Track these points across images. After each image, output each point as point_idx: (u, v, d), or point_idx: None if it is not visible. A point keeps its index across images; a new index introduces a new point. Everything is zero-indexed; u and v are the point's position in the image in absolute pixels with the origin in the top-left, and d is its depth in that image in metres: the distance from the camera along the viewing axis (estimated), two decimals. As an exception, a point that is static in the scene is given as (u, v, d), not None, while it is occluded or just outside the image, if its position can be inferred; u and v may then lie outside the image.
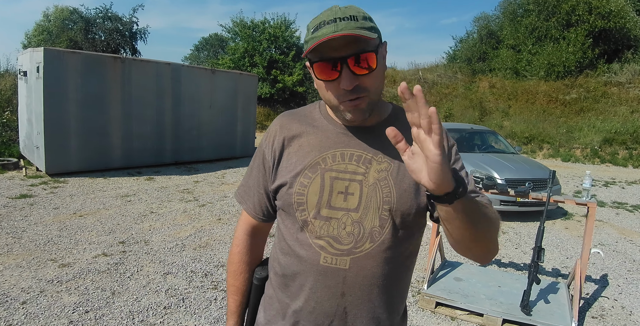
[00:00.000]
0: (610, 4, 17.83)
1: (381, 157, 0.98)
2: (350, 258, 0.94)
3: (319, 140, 1.01)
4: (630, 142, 13.69)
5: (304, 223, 0.97)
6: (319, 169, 0.98)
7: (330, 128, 1.02)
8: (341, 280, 0.95)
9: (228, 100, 9.83)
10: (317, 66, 0.90)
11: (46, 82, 6.60)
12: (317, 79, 0.93)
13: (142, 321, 2.81)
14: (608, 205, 7.33)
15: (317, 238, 0.96)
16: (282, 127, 1.06)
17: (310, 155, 1.00)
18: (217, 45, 32.07)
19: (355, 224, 0.95)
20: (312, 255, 0.96)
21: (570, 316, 2.86)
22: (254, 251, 1.18)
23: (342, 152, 0.99)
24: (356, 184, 0.96)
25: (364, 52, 0.87)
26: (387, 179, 0.97)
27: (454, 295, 3.16)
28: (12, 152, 8.47)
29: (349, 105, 0.92)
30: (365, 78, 0.90)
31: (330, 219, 0.96)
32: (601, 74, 17.80)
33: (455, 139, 7.53)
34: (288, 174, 1.00)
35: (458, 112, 17.26)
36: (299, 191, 0.97)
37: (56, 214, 5.04)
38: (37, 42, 20.36)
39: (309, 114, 1.07)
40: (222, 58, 21.72)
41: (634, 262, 4.54)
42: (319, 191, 0.96)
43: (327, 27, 0.86)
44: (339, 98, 0.92)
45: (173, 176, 7.84)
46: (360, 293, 0.97)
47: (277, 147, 1.04)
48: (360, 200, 0.95)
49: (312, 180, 0.97)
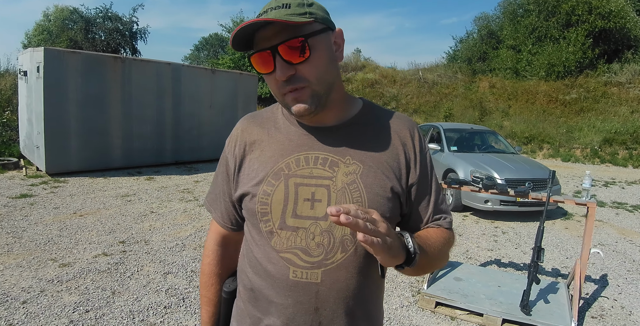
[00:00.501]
0: (610, 4, 17.84)
1: (349, 159, 0.91)
2: (322, 270, 0.87)
3: (281, 144, 0.94)
4: (630, 142, 13.69)
5: (270, 234, 0.90)
6: (282, 175, 0.90)
7: (292, 130, 0.95)
8: (314, 294, 0.88)
9: (228, 100, 9.84)
10: (253, 59, 0.85)
11: (46, 82, 6.61)
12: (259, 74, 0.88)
13: (143, 321, 2.82)
14: (608, 205, 7.33)
15: (284, 250, 0.89)
16: (243, 131, 0.99)
17: (273, 160, 0.92)
18: (217, 45, 32.08)
19: (324, 234, 0.88)
20: (280, 269, 0.89)
21: (570, 316, 2.86)
22: (225, 262, 1.10)
23: (306, 155, 0.92)
24: (323, 190, 0.89)
25: (290, 38, 0.81)
26: (357, 182, 0.89)
27: (453, 295, 3.16)
28: (13, 152, 8.48)
29: (292, 97, 0.86)
30: (302, 67, 0.83)
31: (298, 229, 0.88)
32: (601, 74, 17.81)
33: (455, 139, 7.55)
34: (250, 182, 0.93)
35: (458, 112, 17.26)
36: (262, 200, 0.90)
37: (56, 214, 5.05)
38: (37, 42, 20.37)
39: (271, 116, 1.00)
40: (222, 58, 21.73)
41: (633, 262, 4.54)
42: (283, 200, 0.89)
43: (264, 15, 0.82)
44: (279, 91, 0.86)
45: (173, 175, 7.85)
46: (335, 307, 0.89)
47: (237, 154, 0.97)
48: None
49: (275, 187, 0.90)
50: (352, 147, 0.92)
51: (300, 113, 0.87)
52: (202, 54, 34.89)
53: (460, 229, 5.45)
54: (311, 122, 0.94)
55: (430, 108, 18.58)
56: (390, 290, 3.53)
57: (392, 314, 3.13)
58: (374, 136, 0.95)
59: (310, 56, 0.83)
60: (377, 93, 19.78)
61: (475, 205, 5.97)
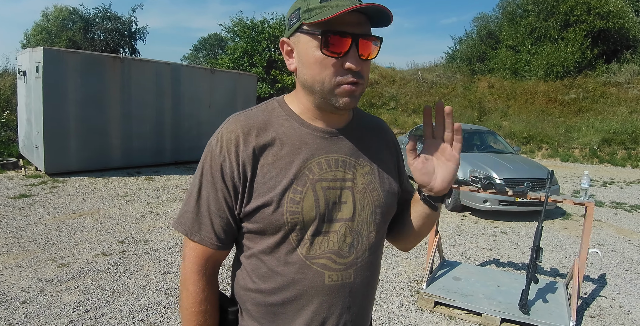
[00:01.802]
0: (609, 4, 17.87)
1: (362, 160, 0.94)
2: (354, 269, 0.91)
3: (298, 147, 0.89)
4: (629, 142, 13.71)
5: (299, 242, 0.87)
6: (307, 180, 0.87)
7: (304, 132, 0.91)
8: (347, 294, 0.91)
9: (227, 100, 9.84)
10: (326, 38, 0.79)
11: (45, 82, 6.60)
12: (320, 53, 0.81)
13: (142, 321, 2.82)
14: (606, 205, 7.35)
15: (317, 256, 0.87)
16: (246, 133, 0.87)
17: (293, 165, 0.87)
18: (217, 45, 32.09)
19: (353, 234, 0.90)
20: (314, 276, 0.87)
21: (569, 315, 2.87)
22: (215, 290, 0.96)
23: (326, 158, 0.90)
24: (348, 192, 0.90)
25: (373, 35, 0.83)
26: (373, 182, 0.94)
27: (452, 295, 3.17)
28: (12, 152, 8.47)
29: (347, 89, 0.83)
30: (365, 65, 0.84)
31: (329, 233, 0.88)
32: (600, 74, 17.84)
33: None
34: (270, 192, 0.85)
35: (457, 112, 17.27)
36: (291, 209, 0.85)
37: (56, 213, 5.05)
38: (36, 42, 20.34)
39: (271, 116, 0.92)
40: (222, 58, 21.71)
41: (632, 262, 4.55)
42: (314, 206, 0.86)
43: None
44: (336, 78, 0.82)
45: (172, 175, 7.85)
46: (362, 302, 0.95)
47: (245, 159, 0.86)
48: (354, 207, 0.90)
49: (304, 194, 0.86)
50: (361, 149, 0.95)
51: (346, 107, 0.85)
52: (201, 54, 34.90)
53: (459, 229, 5.46)
54: (327, 124, 0.93)
55: (430, 108, 18.55)
56: (390, 290, 3.54)
57: (391, 313, 3.13)
58: (372, 137, 1.01)
59: (374, 57, 0.85)
60: (376, 93, 19.78)
61: (474, 205, 5.98)
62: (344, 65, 0.81)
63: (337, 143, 0.92)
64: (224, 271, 3.56)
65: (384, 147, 1.02)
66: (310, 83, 0.85)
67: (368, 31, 0.83)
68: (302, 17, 0.82)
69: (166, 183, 7.20)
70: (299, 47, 0.85)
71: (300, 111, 0.93)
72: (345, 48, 0.80)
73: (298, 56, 0.87)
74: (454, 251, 4.61)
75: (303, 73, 0.86)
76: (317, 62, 0.82)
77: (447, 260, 3.89)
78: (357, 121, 1.00)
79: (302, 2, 0.84)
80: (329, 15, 0.76)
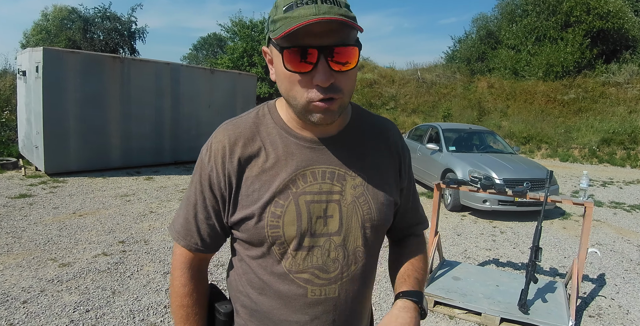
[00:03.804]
0: (608, 4, 17.90)
1: (354, 171, 0.89)
2: (338, 284, 0.88)
3: (283, 158, 0.86)
4: (628, 142, 13.74)
5: (282, 255, 0.86)
6: (290, 194, 0.84)
7: (291, 142, 0.87)
8: (332, 308, 0.89)
9: (227, 100, 9.84)
10: (289, 53, 0.73)
11: (45, 82, 6.61)
12: (285, 69, 0.75)
13: (143, 320, 2.83)
14: (606, 205, 7.36)
15: (300, 271, 0.86)
16: (232, 144, 0.86)
17: (277, 178, 0.84)
18: (216, 45, 32.09)
19: (338, 249, 0.87)
20: (296, 290, 0.87)
21: (568, 315, 2.88)
22: (200, 288, 0.97)
23: (312, 170, 0.86)
24: (334, 205, 0.86)
25: (346, 44, 0.74)
26: (365, 194, 0.89)
27: (452, 294, 3.18)
28: (11, 152, 8.48)
29: (320, 106, 0.77)
30: (342, 76, 0.76)
31: (313, 248, 0.85)
32: (599, 74, 17.87)
33: (454, 139, 7.57)
34: (253, 205, 0.84)
35: (456, 112, 17.29)
36: (272, 223, 0.84)
37: (56, 213, 5.05)
38: (36, 42, 20.34)
39: (260, 124, 0.89)
40: (221, 58, 21.73)
41: (631, 261, 4.56)
42: (296, 221, 0.84)
43: (307, 7, 0.71)
44: (309, 95, 0.76)
45: (172, 175, 7.85)
46: (349, 316, 0.92)
47: (231, 170, 0.85)
48: (341, 222, 0.87)
49: (285, 208, 0.84)
50: (355, 157, 0.90)
51: (322, 122, 0.80)
52: (200, 53, 34.89)
53: (459, 229, 5.47)
54: (316, 133, 0.88)
55: (429, 108, 18.61)
56: (390, 290, 3.54)
57: (391, 313, 3.14)
58: (370, 143, 0.95)
59: (353, 67, 0.77)
60: (376, 93, 19.80)
61: (474, 205, 5.99)
62: (312, 80, 0.75)
63: (325, 153, 0.88)
64: (224, 271, 3.57)
65: (383, 153, 0.95)
66: (286, 97, 0.82)
67: (343, 38, 0.74)
68: (270, 28, 0.77)
69: (166, 182, 7.20)
70: (273, 60, 0.80)
71: (287, 117, 0.89)
72: (307, 66, 0.73)
73: (274, 69, 0.81)
74: (453, 251, 4.62)
75: (279, 86, 0.81)
76: (286, 78, 0.77)
77: (446, 260, 3.90)
78: (354, 126, 0.94)
79: (272, 10, 0.78)
80: (284, 31, 0.70)
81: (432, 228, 3.62)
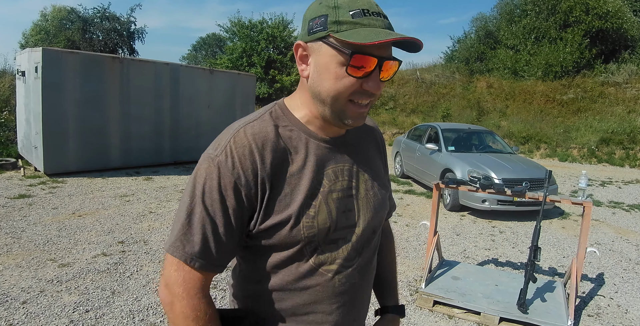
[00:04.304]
0: (607, 4, 17.94)
1: (362, 167, 0.97)
2: (357, 270, 0.95)
3: (307, 159, 0.88)
4: (627, 142, 13.76)
5: (313, 252, 0.88)
6: (319, 194, 0.88)
7: (311, 142, 0.90)
8: (353, 294, 0.96)
9: (226, 100, 9.84)
10: (357, 58, 0.77)
11: (44, 82, 6.60)
12: (344, 71, 0.79)
13: (143, 321, 2.83)
14: (605, 205, 7.37)
15: (328, 263, 0.90)
16: (261, 148, 0.83)
17: (306, 180, 0.86)
18: (215, 45, 32.09)
19: (359, 239, 0.94)
20: (326, 282, 0.91)
21: (567, 314, 2.89)
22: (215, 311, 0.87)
23: (334, 169, 0.91)
24: (352, 200, 0.93)
25: (395, 59, 0.83)
26: (373, 187, 0.98)
27: (451, 294, 3.18)
28: (10, 153, 8.47)
29: (357, 110, 0.84)
30: (382, 85, 0.84)
31: (338, 240, 0.91)
32: (598, 74, 17.90)
33: (453, 139, 7.59)
34: (286, 209, 0.84)
35: (456, 112, 17.31)
36: (307, 224, 0.85)
37: (55, 214, 5.05)
38: (35, 42, 20.34)
39: (279, 127, 0.88)
40: (220, 58, 21.74)
41: (629, 261, 4.57)
42: (328, 219, 0.88)
43: (374, 19, 0.79)
44: (349, 96, 0.81)
45: (171, 176, 7.85)
46: (364, 297, 1.01)
47: (264, 176, 0.82)
48: (359, 214, 0.94)
49: (317, 209, 0.87)
50: (360, 155, 0.98)
51: (355, 125, 0.87)
52: (199, 54, 34.88)
53: (458, 229, 5.48)
54: (329, 132, 0.92)
55: (428, 108, 18.62)
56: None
57: (390, 313, 3.14)
58: (366, 140, 1.04)
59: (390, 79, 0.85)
60: (375, 93, 19.79)
61: (473, 205, 6.00)
62: (362, 85, 0.80)
63: (340, 152, 0.94)
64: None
65: (375, 149, 1.06)
66: (323, 96, 0.83)
67: (391, 53, 0.82)
68: (329, 27, 0.78)
69: (165, 183, 7.20)
70: (319, 57, 0.81)
71: (304, 118, 0.90)
72: (369, 70, 0.79)
73: (315, 65, 0.82)
74: (452, 250, 4.63)
75: (317, 84, 0.82)
76: (337, 78, 0.80)
77: (445, 260, 3.91)
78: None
79: (329, 9, 0.79)
80: (371, 41, 0.74)
81: (432, 228, 3.63)
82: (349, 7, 0.78)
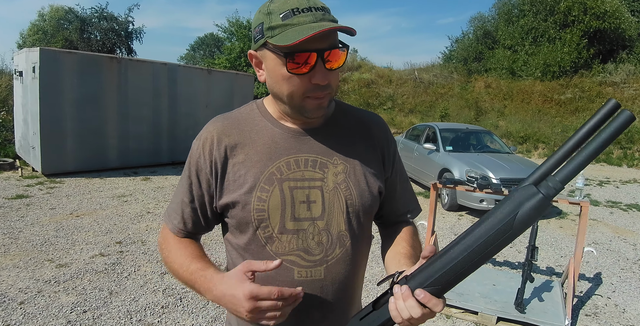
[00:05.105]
0: (605, 4, 17.96)
1: (336, 159, 0.95)
2: (324, 267, 0.93)
3: (268, 147, 0.93)
4: (625, 141, 13.79)
5: (268, 239, 0.92)
6: (275, 180, 0.91)
7: (276, 132, 0.95)
8: (318, 290, 0.93)
9: (224, 100, 9.83)
10: (293, 58, 0.81)
11: (42, 82, 6.59)
12: (287, 72, 0.83)
13: (140, 321, 2.83)
14: (602, 204, 7.39)
15: (286, 253, 0.91)
16: (220, 134, 0.94)
17: (261, 165, 0.92)
18: (213, 45, 32.04)
19: (322, 233, 0.93)
20: (284, 272, 0.91)
21: (564, 314, 2.89)
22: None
23: (295, 158, 0.93)
24: (317, 191, 0.93)
25: (337, 47, 0.84)
26: (346, 181, 0.95)
27: (449, 294, 3.17)
28: (8, 153, 8.45)
29: (315, 102, 0.87)
30: (333, 74, 0.85)
31: (298, 231, 0.91)
32: (596, 74, 17.93)
33: (451, 139, 7.59)
34: (239, 190, 0.91)
35: (454, 112, 17.32)
36: (258, 207, 0.90)
37: (53, 214, 5.04)
38: (32, 42, 20.28)
39: (248, 118, 0.98)
40: (218, 58, 21.71)
41: (627, 260, 4.58)
42: (280, 204, 0.90)
43: (305, 15, 0.80)
44: (306, 94, 0.85)
45: (169, 176, 7.84)
46: (336, 298, 0.96)
47: (217, 158, 0.93)
48: (324, 207, 0.93)
49: (270, 193, 0.90)
50: (337, 147, 0.97)
51: (315, 116, 0.90)
52: (197, 54, 34.83)
53: (456, 229, 5.49)
54: (300, 125, 0.95)
55: (426, 108, 18.63)
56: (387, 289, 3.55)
57: (388, 313, 3.15)
58: (355, 134, 1.01)
59: (341, 66, 0.86)
60: (373, 93, 19.81)
61: (471, 204, 6.01)
62: (311, 80, 0.83)
63: (307, 143, 0.95)
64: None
65: (366, 145, 1.01)
66: (280, 96, 0.89)
67: (333, 41, 0.83)
68: (265, 34, 0.83)
69: (163, 183, 7.19)
70: (267, 62, 0.87)
71: (275, 113, 0.97)
72: (305, 67, 0.82)
73: (267, 71, 0.88)
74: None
75: (273, 87, 0.89)
76: (284, 79, 0.85)
77: (443, 259, 3.91)
78: (337, 119, 1.01)
79: (264, 16, 0.83)
80: (293, 41, 0.77)
81: (429, 228, 3.63)
82: (279, 10, 0.82)
